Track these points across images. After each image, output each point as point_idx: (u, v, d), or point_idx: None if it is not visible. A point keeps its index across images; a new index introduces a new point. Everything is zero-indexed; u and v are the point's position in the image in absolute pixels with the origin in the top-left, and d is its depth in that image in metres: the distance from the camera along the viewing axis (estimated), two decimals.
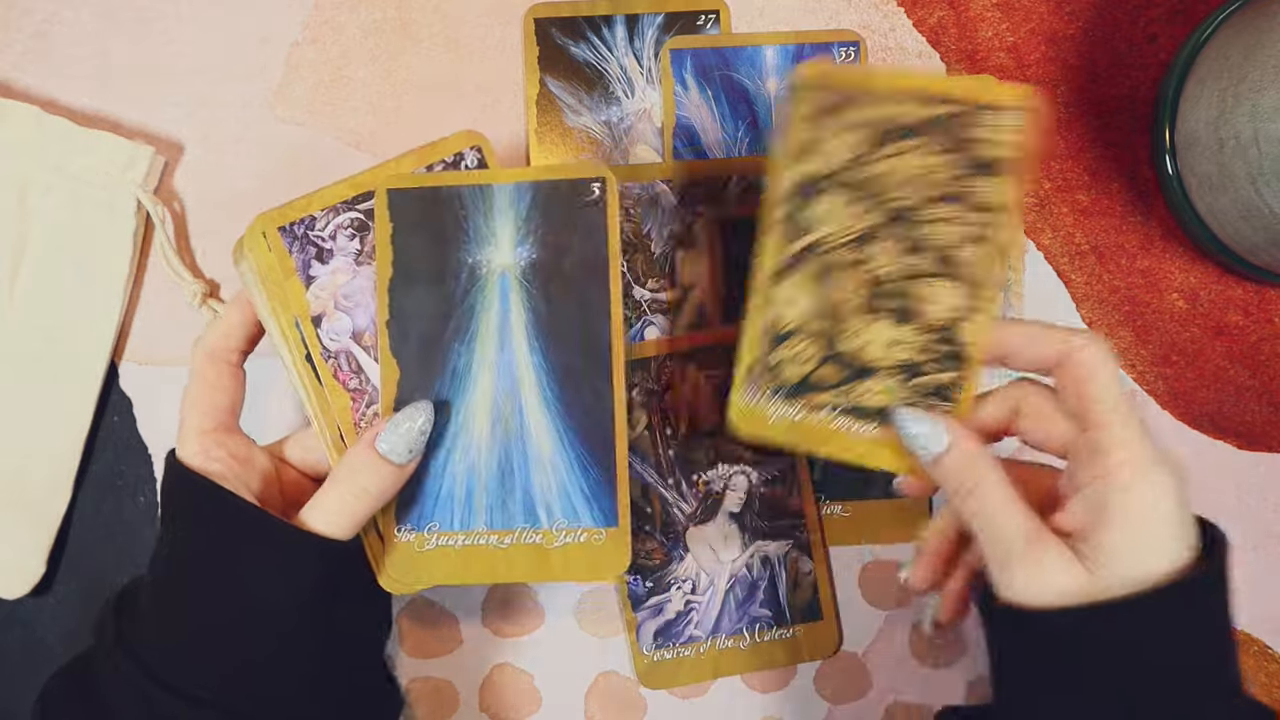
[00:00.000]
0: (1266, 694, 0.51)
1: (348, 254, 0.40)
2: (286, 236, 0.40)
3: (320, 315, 0.40)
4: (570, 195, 0.39)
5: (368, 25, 0.51)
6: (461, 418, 0.39)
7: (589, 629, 0.50)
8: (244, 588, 0.36)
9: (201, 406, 0.39)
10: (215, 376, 0.40)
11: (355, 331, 0.40)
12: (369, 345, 0.40)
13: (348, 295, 0.40)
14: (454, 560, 0.40)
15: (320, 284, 0.40)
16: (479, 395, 0.39)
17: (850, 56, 0.51)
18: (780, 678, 0.51)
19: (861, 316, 0.42)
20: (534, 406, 0.39)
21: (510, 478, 0.40)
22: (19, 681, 0.50)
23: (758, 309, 0.42)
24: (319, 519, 0.37)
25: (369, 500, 0.37)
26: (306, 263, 0.40)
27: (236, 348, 0.40)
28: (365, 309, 0.40)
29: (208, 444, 0.38)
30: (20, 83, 0.50)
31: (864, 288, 0.41)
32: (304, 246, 0.40)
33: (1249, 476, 0.52)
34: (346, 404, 0.40)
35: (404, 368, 0.39)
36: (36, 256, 0.48)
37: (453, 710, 0.50)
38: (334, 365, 0.40)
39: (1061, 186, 0.52)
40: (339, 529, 0.37)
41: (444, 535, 0.40)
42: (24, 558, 0.49)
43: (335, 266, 0.40)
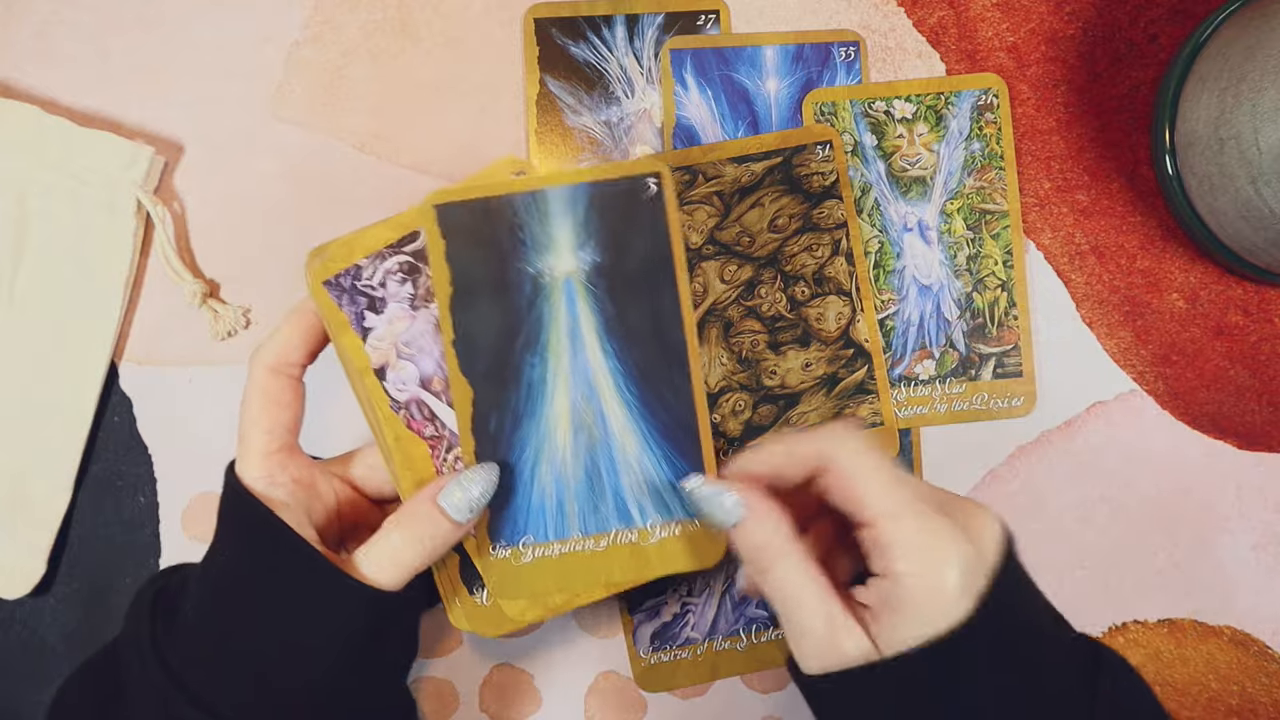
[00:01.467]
0: (1267, 694, 0.52)
1: (401, 299, 0.39)
2: (333, 290, 0.38)
3: (383, 366, 0.39)
4: (627, 193, 0.39)
5: (368, 25, 0.51)
6: (543, 428, 0.39)
7: (589, 629, 0.51)
8: (287, 626, 0.35)
9: (264, 424, 0.38)
10: (278, 391, 0.38)
11: (423, 378, 0.39)
12: (439, 390, 0.39)
13: (409, 342, 0.39)
14: (553, 570, 0.39)
15: (378, 334, 0.39)
16: (558, 404, 0.39)
17: (850, 56, 0.51)
18: (780, 678, 0.51)
19: (772, 354, 0.48)
20: (614, 409, 0.39)
21: (599, 482, 0.39)
22: (19, 681, 0.50)
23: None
24: (371, 567, 0.36)
25: (424, 553, 0.37)
26: (359, 315, 0.38)
27: (298, 360, 0.39)
28: (429, 354, 0.39)
29: (272, 467, 0.37)
30: (20, 83, 0.50)
31: (764, 328, 0.45)
32: (354, 298, 0.38)
33: (1249, 476, 0.52)
34: (425, 452, 0.39)
35: (476, 387, 0.38)
36: (36, 256, 0.49)
37: (453, 710, 0.50)
38: (405, 416, 0.39)
39: (1061, 186, 0.52)
40: (389, 579, 0.36)
41: (540, 547, 0.39)
42: (24, 558, 0.49)
43: (391, 315, 0.39)
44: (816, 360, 0.49)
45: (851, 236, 0.49)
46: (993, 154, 0.51)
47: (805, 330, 0.48)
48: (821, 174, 0.49)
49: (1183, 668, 0.51)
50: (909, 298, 0.51)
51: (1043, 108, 0.52)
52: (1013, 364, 0.51)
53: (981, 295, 0.51)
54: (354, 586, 0.36)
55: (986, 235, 0.51)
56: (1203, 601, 0.52)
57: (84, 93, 0.51)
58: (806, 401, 0.49)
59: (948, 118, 0.51)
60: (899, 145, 0.51)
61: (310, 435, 0.41)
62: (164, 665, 0.35)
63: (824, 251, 0.48)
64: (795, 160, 0.49)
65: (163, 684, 0.34)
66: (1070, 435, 0.52)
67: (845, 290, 0.49)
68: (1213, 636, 0.52)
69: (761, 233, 0.49)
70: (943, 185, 0.51)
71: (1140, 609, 0.52)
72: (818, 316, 0.49)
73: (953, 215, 0.51)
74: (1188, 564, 0.52)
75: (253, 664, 0.35)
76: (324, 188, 0.51)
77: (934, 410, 0.51)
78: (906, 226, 0.51)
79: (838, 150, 0.49)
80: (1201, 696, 0.51)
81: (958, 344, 0.51)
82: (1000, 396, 0.51)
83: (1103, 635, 0.52)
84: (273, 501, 0.37)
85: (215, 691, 0.35)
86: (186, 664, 0.35)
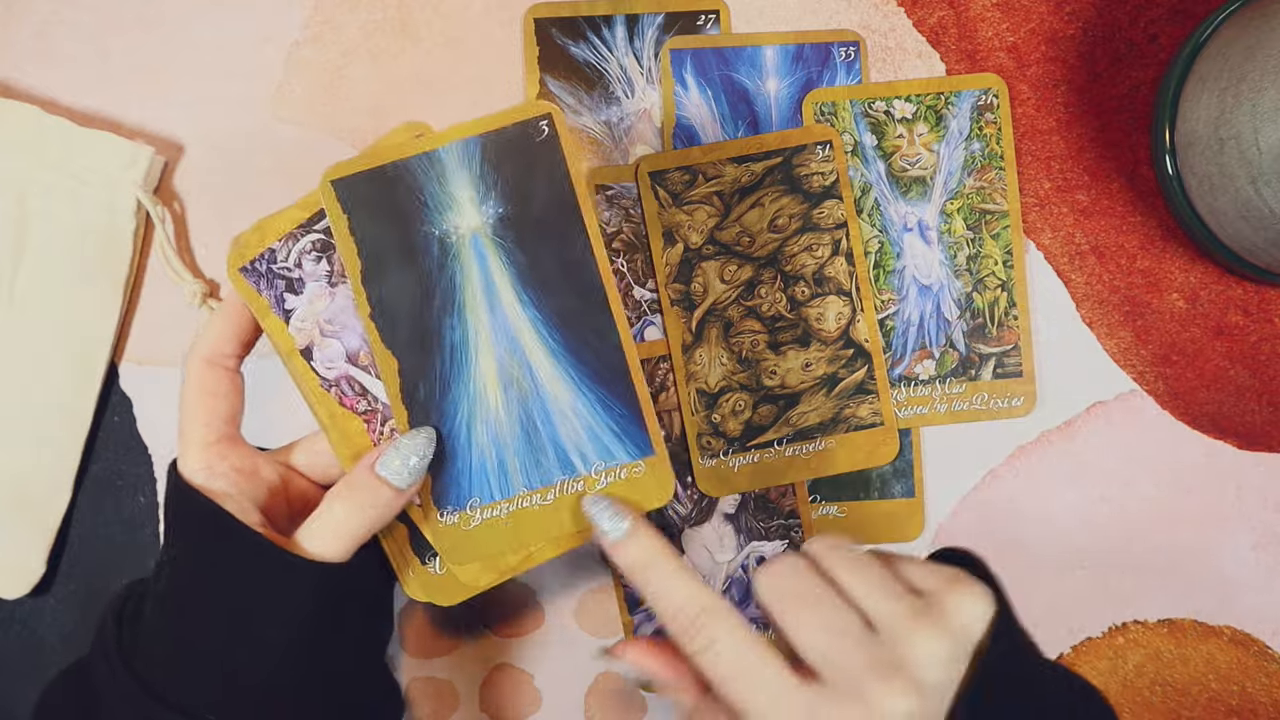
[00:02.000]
0: (1267, 694, 0.52)
1: (318, 278, 0.39)
2: (250, 276, 0.38)
3: (309, 346, 0.39)
4: (520, 139, 0.38)
5: (368, 25, 0.51)
6: (473, 389, 0.39)
7: (589, 629, 0.51)
8: (240, 612, 0.35)
9: (202, 417, 0.38)
10: (214, 383, 0.38)
11: (349, 354, 0.39)
12: (366, 365, 0.39)
13: (330, 319, 0.39)
14: (503, 530, 0.39)
15: (300, 315, 0.39)
16: (483, 363, 0.39)
17: (850, 56, 0.51)
18: None
19: (772, 353, 0.48)
20: (541, 360, 0.39)
21: (536, 435, 0.39)
22: (19, 681, 0.50)
23: (682, 384, 0.48)
24: (315, 542, 0.36)
25: (366, 522, 0.37)
26: (279, 297, 0.39)
27: (233, 352, 0.39)
28: (353, 329, 0.39)
29: (211, 458, 0.37)
30: (20, 83, 0.50)
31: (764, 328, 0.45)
32: (271, 282, 0.39)
33: (1249, 476, 0.52)
34: (360, 427, 0.39)
35: (400, 357, 0.38)
36: (36, 256, 0.49)
37: (453, 710, 0.50)
38: (337, 393, 0.39)
39: (1061, 186, 0.52)
40: (335, 552, 0.36)
41: (487, 508, 0.39)
42: (24, 558, 0.49)
43: (310, 294, 0.39)
44: (816, 360, 0.49)
45: (851, 236, 0.49)
46: (993, 154, 0.51)
47: (805, 330, 0.48)
48: (821, 174, 0.49)
49: (1183, 668, 0.51)
50: (909, 298, 0.51)
51: (1043, 108, 0.52)
52: (1013, 364, 0.51)
53: (981, 295, 0.51)
54: (298, 563, 0.36)
55: (986, 235, 0.51)
56: (1203, 601, 0.52)
57: (84, 93, 0.51)
58: (806, 401, 0.49)
59: (948, 118, 0.51)
60: (899, 145, 0.51)
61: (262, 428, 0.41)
62: (130, 668, 0.35)
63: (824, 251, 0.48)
64: (795, 160, 0.49)
65: (131, 687, 0.35)
66: (1070, 435, 0.52)
67: (845, 290, 0.49)
68: (1213, 636, 0.52)
69: (761, 233, 0.49)
70: (943, 185, 0.51)
71: (1140, 609, 0.52)
72: (818, 316, 0.49)
73: (953, 215, 0.51)
74: (1188, 564, 0.52)
75: (213, 655, 0.35)
76: None
77: (934, 410, 0.51)
78: (906, 226, 0.51)
79: (838, 150, 0.49)
80: (1201, 696, 0.51)
81: (958, 344, 0.51)
82: (1000, 396, 0.51)
83: (1103, 635, 0.52)
84: (213, 492, 0.37)
85: (181, 688, 0.35)
86: (151, 665, 0.35)
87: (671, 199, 0.49)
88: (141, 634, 0.36)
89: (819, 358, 0.49)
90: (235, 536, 0.36)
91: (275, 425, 0.49)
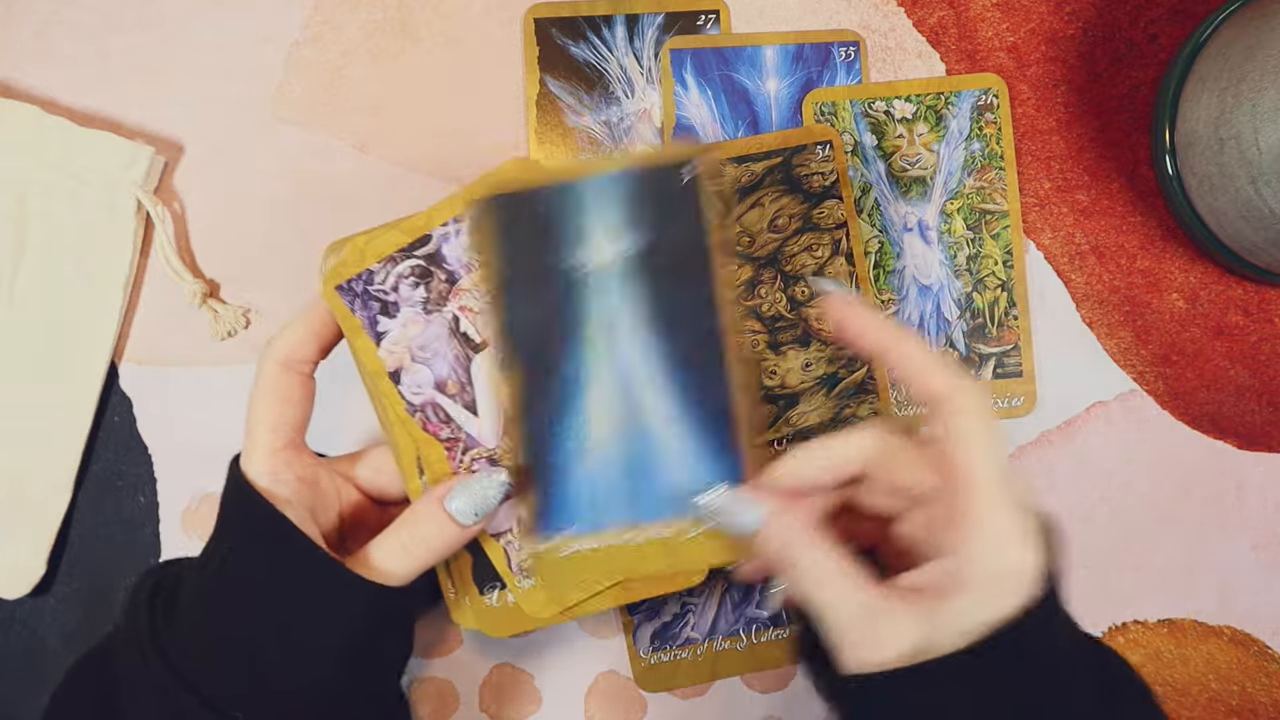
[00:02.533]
0: (1267, 694, 0.52)
1: (414, 304, 0.39)
2: (346, 295, 0.38)
3: (398, 370, 0.39)
4: (664, 180, 0.38)
5: (368, 25, 0.51)
6: (583, 421, 0.38)
7: (589, 629, 0.51)
8: (288, 621, 0.35)
9: (271, 421, 0.37)
10: (287, 388, 0.38)
11: (438, 381, 0.39)
12: (454, 394, 0.39)
13: (423, 346, 0.39)
14: (589, 563, 0.39)
15: (392, 339, 0.39)
16: (596, 397, 0.39)
17: (850, 56, 0.51)
18: (780, 678, 0.51)
19: (772, 354, 0.48)
20: (653, 401, 0.39)
21: (640, 474, 0.39)
22: (19, 681, 0.50)
23: None
24: (377, 564, 0.36)
25: (429, 554, 0.37)
26: (372, 319, 0.39)
27: (309, 357, 0.39)
28: (444, 357, 0.39)
29: (277, 464, 0.37)
30: (20, 83, 0.50)
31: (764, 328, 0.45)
32: (366, 303, 0.38)
33: (1249, 476, 0.52)
34: (441, 454, 0.39)
35: (518, 382, 0.38)
36: (36, 256, 0.49)
37: (453, 710, 0.50)
38: (421, 419, 0.39)
39: (1061, 186, 0.52)
40: (396, 577, 0.36)
41: (580, 539, 0.39)
42: (24, 558, 0.49)
43: (404, 319, 0.39)
44: (816, 360, 0.49)
45: (851, 236, 0.49)
46: (993, 154, 0.51)
47: (805, 330, 0.48)
48: (821, 174, 0.49)
49: (1183, 668, 0.51)
50: (909, 298, 0.51)
51: (1043, 108, 0.52)
52: (1013, 364, 0.51)
53: (981, 295, 0.51)
54: (357, 583, 0.36)
55: (986, 235, 0.51)
56: (1203, 601, 0.52)
57: (84, 93, 0.51)
58: (806, 401, 0.49)
59: (948, 118, 0.51)
60: (899, 145, 0.51)
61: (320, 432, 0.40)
62: (164, 657, 0.35)
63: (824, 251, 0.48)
64: (795, 160, 0.49)
65: (163, 676, 0.34)
66: (1070, 435, 0.52)
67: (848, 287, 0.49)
68: (1213, 636, 0.52)
69: (761, 233, 0.49)
70: (943, 185, 0.51)
71: (1140, 609, 0.52)
72: (818, 317, 0.49)
73: (953, 215, 0.51)
74: (1188, 564, 0.52)
75: (252, 658, 0.35)
76: (324, 188, 0.51)
77: None
78: (906, 226, 0.51)
79: (838, 150, 0.49)
80: (1201, 696, 0.51)
81: (958, 344, 0.51)
82: (1000, 396, 0.51)
83: (1103, 635, 0.52)
84: (276, 498, 0.36)
85: (214, 684, 0.35)
86: (185, 656, 0.35)
87: None
88: (177, 625, 0.36)
89: (819, 358, 0.49)
90: (296, 546, 0.36)
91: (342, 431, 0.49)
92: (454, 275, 0.39)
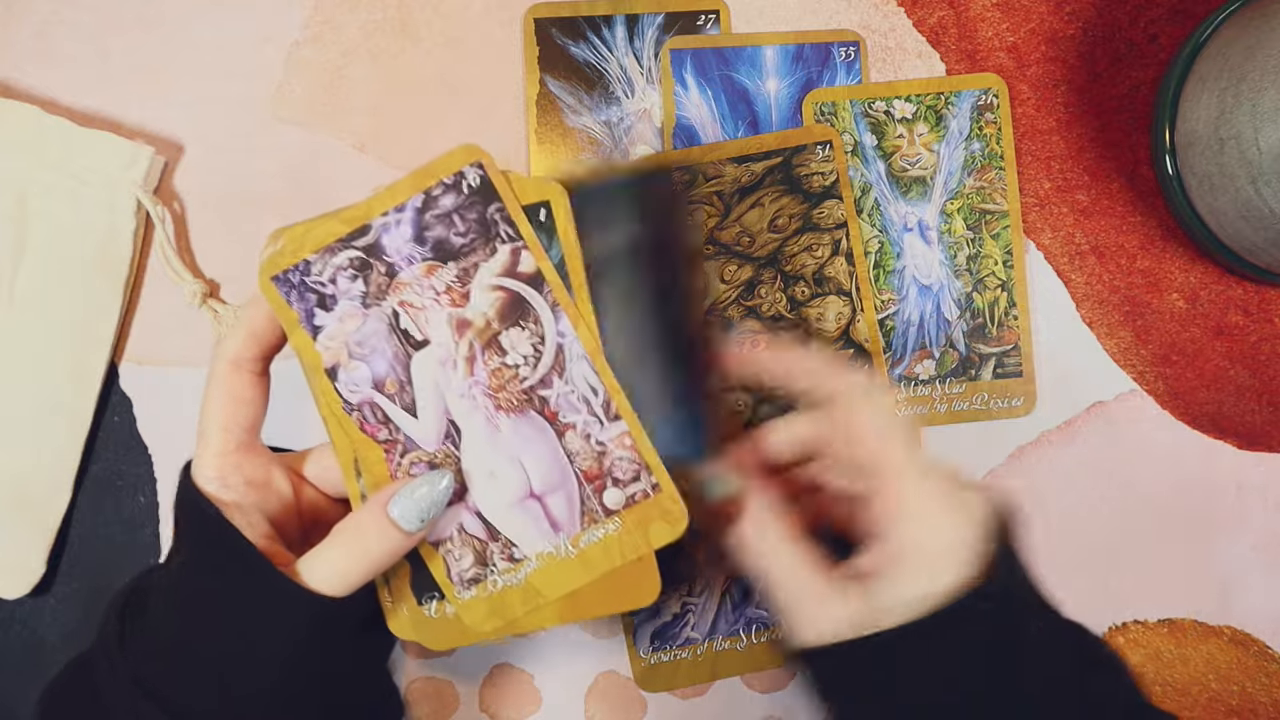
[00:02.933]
0: (1267, 694, 0.52)
1: (353, 297, 0.37)
2: (282, 286, 0.36)
3: (335, 366, 0.37)
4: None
5: (368, 25, 0.51)
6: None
7: (589, 629, 0.50)
8: (238, 626, 0.35)
9: (223, 422, 0.36)
10: (240, 388, 0.37)
11: (376, 380, 0.37)
12: (392, 393, 0.37)
13: (360, 342, 0.37)
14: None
15: (328, 333, 0.37)
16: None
17: (850, 56, 0.51)
18: (780, 678, 0.51)
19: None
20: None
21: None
22: (19, 681, 0.50)
23: None
24: (317, 576, 0.35)
25: (370, 565, 0.36)
26: (309, 312, 0.37)
27: (262, 354, 0.38)
28: (382, 354, 0.37)
29: (226, 468, 0.36)
30: (20, 83, 0.50)
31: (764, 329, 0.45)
32: (303, 294, 0.37)
33: (1249, 476, 0.52)
34: (380, 456, 0.37)
35: (623, 377, 0.38)
36: (36, 256, 0.48)
37: (453, 710, 0.50)
38: (359, 418, 0.37)
39: (1061, 186, 0.52)
40: (335, 589, 0.35)
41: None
42: (24, 558, 0.49)
43: (342, 312, 0.37)
44: None
45: (851, 236, 0.49)
46: (993, 154, 0.51)
47: (804, 330, 0.48)
48: (821, 174, 0.49)
49: (1183, 668, 0.51)
50: (909, 298, 0.51)
51: (1043, 108, 0.52)
52: (1013, 364, 0.51)
53: (981, 295, 0.51)
54: (297, 594, 0.35)
55: (986, 235, 0.51)
56: (1203, 601, 0.52)
57: (84, 93, 0.51)
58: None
59: (948, 117, 0.51)
60: (899, 145, 0.51)
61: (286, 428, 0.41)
62: (127, 665, 0.35)
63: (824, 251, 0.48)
64: (795, 160, 0.49)
65: (126, 684, 0.34)
66: (1070, 435, 0.52)
67: (845, 290, 0.49)
68: (1213, 636, 0.52)
69: (761, 233, 0.49)
70: (943, 185, 0.51)
71: (1140, 609, 0.52)
72: (818, 316, 0.49)
73: (953, 215, 0.51)
74: (1188, 564, 0.52)
75: (210, 662, 0.35)
76: (324, 188, 0.51)
77: (934, 410, 0.51)
78: (906, 226, 0.51)
79: (838, 150, 0.49)
80: (1201, 696, 0.51)
81: (958, 344, 0.51)
82: (1000, 396, 0.51)
83: (1103, 635, 0.52)
84: (224, 503, 0.36)
85: (176, 689, 0.34)
86: (149, 661, 0.35)
87: None
88: (144, 629, 0.36)
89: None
90: (240, 554, 0.35)
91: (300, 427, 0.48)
92: (394, 268, 0.37)
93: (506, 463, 0.38)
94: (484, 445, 0.38)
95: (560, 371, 0.38)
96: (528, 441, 0.38)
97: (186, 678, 0.35)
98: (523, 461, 0.38)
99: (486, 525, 0.38)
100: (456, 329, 0.38)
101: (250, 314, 0.37)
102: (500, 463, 0.38)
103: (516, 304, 0.38)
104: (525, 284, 0.38)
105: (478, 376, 0.38)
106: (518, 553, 0.38)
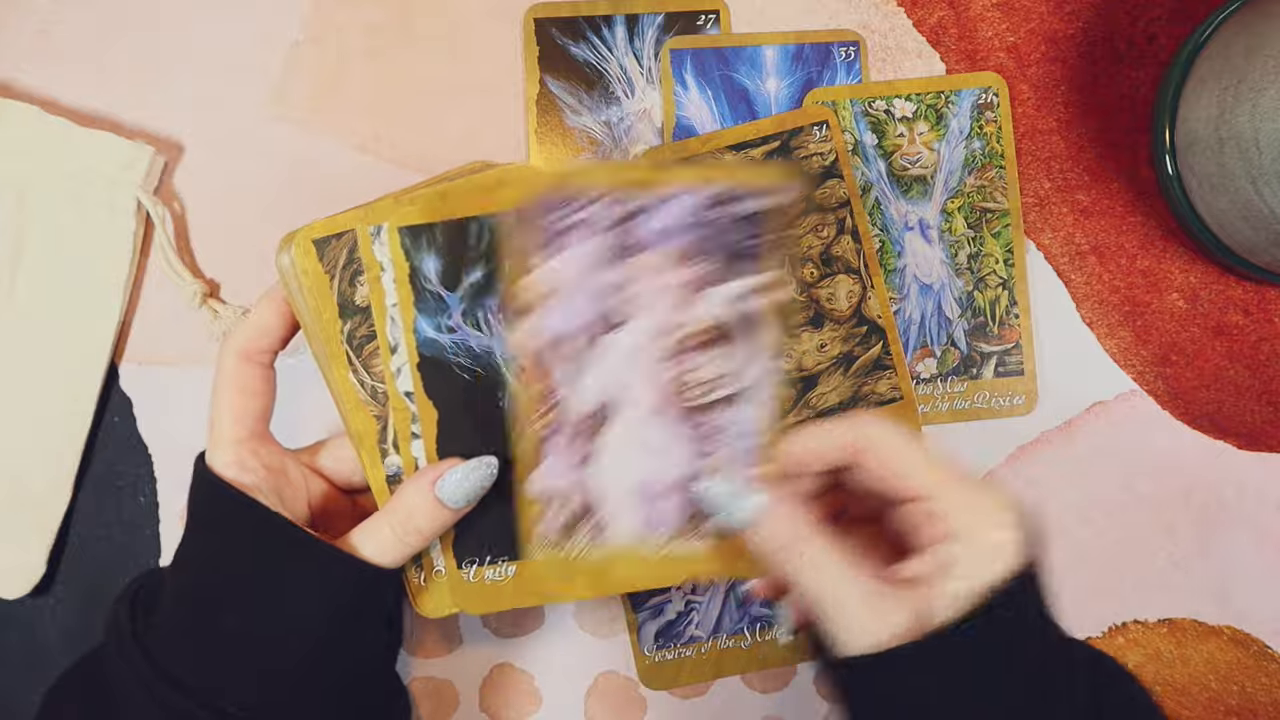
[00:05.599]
0: (1267, 694, 0.52)
1: (592, 250, 0.38)
2: (536, 213, 0.37)
3: (532, 303, 0.38)
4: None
5: (368, 25, 0.51)
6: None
7: (589, 629, 0.50)
8: (272, 607, 0.35)
9: (234, 412, 0.38)
10: (248, 379, 0.38)
11: (559, 335, 0.38)
12: (568, 354, 0.38)
13: (572, 294, 0.38)
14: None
15: (550, 268, 0.38)
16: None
17: (850, 56, 0.51)
18: (780, 678, 0.51)
19: (786, 338, 0.47)
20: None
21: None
22: (19, 681, 0.50)
23: None
24: (370, 547, 0.37)
25: (419, 540, 0.37)
26: (548, 242, 0.37)
27: (270, 347, 0.39)
28: (581, 314, 0.38)
29: (243, 454, 0.37)
30: (20, 83, 0.50)
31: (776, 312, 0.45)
32: (554, 225, 0.37)
33: (1249, 476, 0.52)
34: (533, 406, 0.38)
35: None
36: (36, 256, 0.48)
37: (453, 710, 0.50)
38: (527, 362, 0.38)
39: (1061, 186, 0.52)
40: (388, 561, 0.37)
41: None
42: (24, 558, 0.49)
43: (576, 256, 0.37)
44: (831, 340, 0.49)
45: (856, 213, 0.49)
46: (993, 152, 0.51)
47: (817, 311, 0.48)
48: (820, 154, 0.49)
49: (1183, 668, 0.51)
50: (910, 297, 0.51)
51: (1043, 108, 0.52)
52: (1014, 362, 0.51)
53: (982, 294, 0.51)
54: (347, 559, 0.36)
55: (987, 234, 0.51)
56: (1203, 601, 0.52)
57: (84, 93, 0.51)
58: (825, 382, 0.48)
59: (948, 116, 0.51)
60: (899, 144, 0.51)
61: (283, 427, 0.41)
62: (148, 658, 0.35)
63: (829, 231, 0.48)
64: (793, 143, 0.49)
65: (149, 676, 0.34)
66: (1070, 435, 0.52)
67: (854, 268, 0.49)
68: (1213, 636, 0.52)
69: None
70: (943, 184, 0.51)
71: (1140, 609, 0.52)
72: (828, 296, 0.48)
73: (953, 214, 0.51)
74: (1188, 564, 0.52)
75: (239, 647, 0.35)
76: (324, 188, 0.51)
77: (935, 409, 0.51)
78: (907, 225, 0.51)
79: (834, 129, 0.49)
80: (1201, 696, 0.51)
81: (959, 342, 0.51)
82: (1002, 395, 0.51)
83: (1103, 635, 0.52)
84: (245, 487, 0.36)
85: (199, 677, 0.35)
86: (169, 654, 0.35)
87: None
88: (160, 625, 0.36)
89: (833, 337, 0.49)
90: (277, 530, 0.36)
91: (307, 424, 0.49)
92: (642, 243, 0.37)
93: (645, 454, 0.39)
94: (635, 431, 0.39)
95: (731, 405, 0.39)
96: (673, 445, 0.39)
97: (214, 663, 0.35)
98: (659, 460, 0.39)
99: (592, 500, 0.39)
100: (670, 324, 0.38)
101: (262, 306, 0.39)
102: (639, 454, 0.39)
103: (744, 329, 0.38)
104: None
105: (666, 372, 0.38)
106: (606, 535, 0.39)
